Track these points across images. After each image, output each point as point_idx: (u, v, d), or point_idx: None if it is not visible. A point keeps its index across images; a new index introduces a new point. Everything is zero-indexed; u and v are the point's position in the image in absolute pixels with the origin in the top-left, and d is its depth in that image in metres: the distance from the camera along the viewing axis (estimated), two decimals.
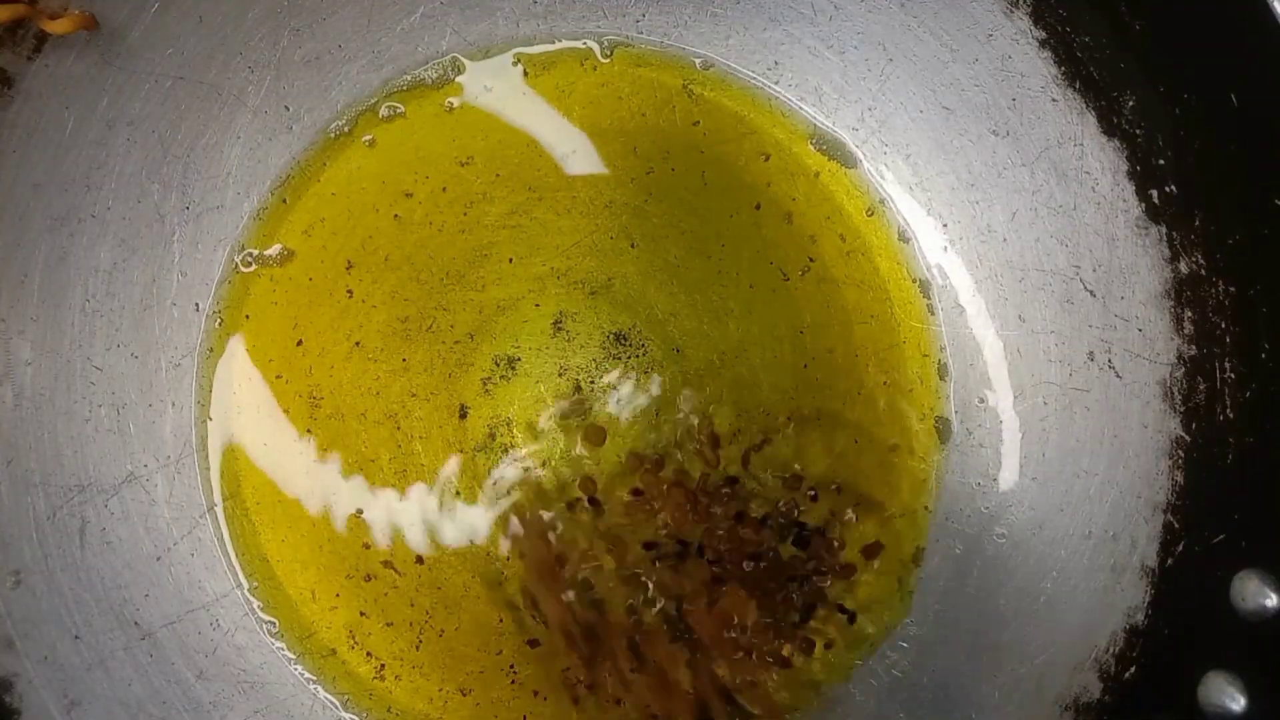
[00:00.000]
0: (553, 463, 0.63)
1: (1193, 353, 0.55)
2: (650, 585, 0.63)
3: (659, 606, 0.63)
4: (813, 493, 0.64)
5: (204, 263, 0.63)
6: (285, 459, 0.63)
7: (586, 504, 0.63)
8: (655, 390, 0.64)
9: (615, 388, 0.64)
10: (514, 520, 0.63)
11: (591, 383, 0.64)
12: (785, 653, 0.63)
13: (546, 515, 0.63)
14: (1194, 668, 0.50)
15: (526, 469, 0.63)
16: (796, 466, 0.64)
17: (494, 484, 0.63)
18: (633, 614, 0.62)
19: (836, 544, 0.64)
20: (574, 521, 0.63)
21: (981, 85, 0.61)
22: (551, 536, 0.63)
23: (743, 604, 0.62)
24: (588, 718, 0.63)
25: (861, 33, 0.63)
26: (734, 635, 0.62)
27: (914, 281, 0.65)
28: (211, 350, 0.63)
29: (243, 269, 0.63)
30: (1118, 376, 0.59)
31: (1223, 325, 0.53)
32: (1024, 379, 0.63)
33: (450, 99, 0.65)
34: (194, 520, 0.62)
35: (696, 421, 0.64)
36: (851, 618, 0.63)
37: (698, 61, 0.66)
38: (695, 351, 0.64)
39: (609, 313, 0.65)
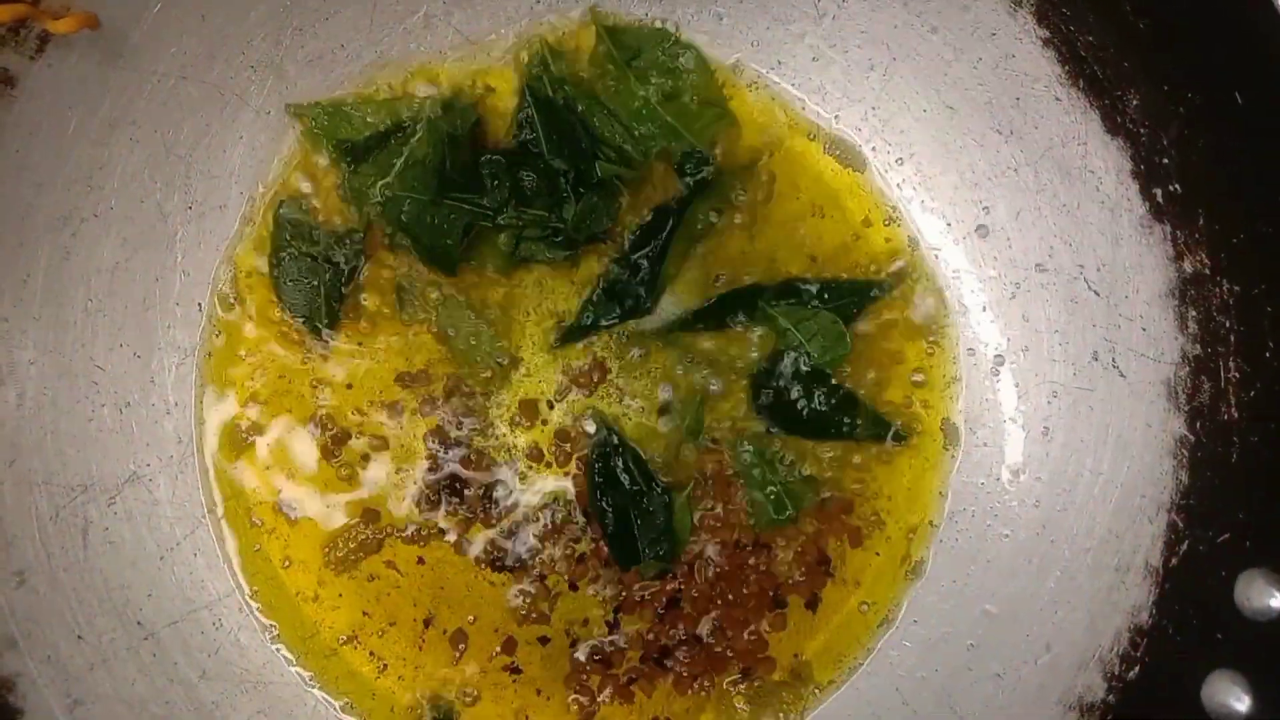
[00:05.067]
0: (554, 463, 0.64)
1: (1197, 352, 0.55)
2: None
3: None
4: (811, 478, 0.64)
5: (207, 262, 0.63)
6: (288, 459, 0.63)
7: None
8: (658, 390, 0.64)
9: (618, 387, 0.64)
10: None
11: (593, 383, 0.64)
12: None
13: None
14: (1198, 667, 0.50)
15: (529, 466, 0.63)
16: (802, 466, 0.64)
17: (497, 483, 0.63)
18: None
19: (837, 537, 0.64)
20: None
21: (985, 84, 0.61)
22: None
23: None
24: (589, 717, 0.63)
25: (865, 32, 0.63)
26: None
27: (917, 281, 0.65)
28: (214, 350, 0.63)
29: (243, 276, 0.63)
30: (1122, 376, 0.59)
31: (1227, 324, 0.53)
32: (1028, 378, 0.63)
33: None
34: (197, 520, 0.62)
35: (699, 419, 0.64)
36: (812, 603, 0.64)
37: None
38: (698, 350, 0.64)
39: None
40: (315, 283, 0.62)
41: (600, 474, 0.62)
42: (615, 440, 0.63)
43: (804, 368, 0.62)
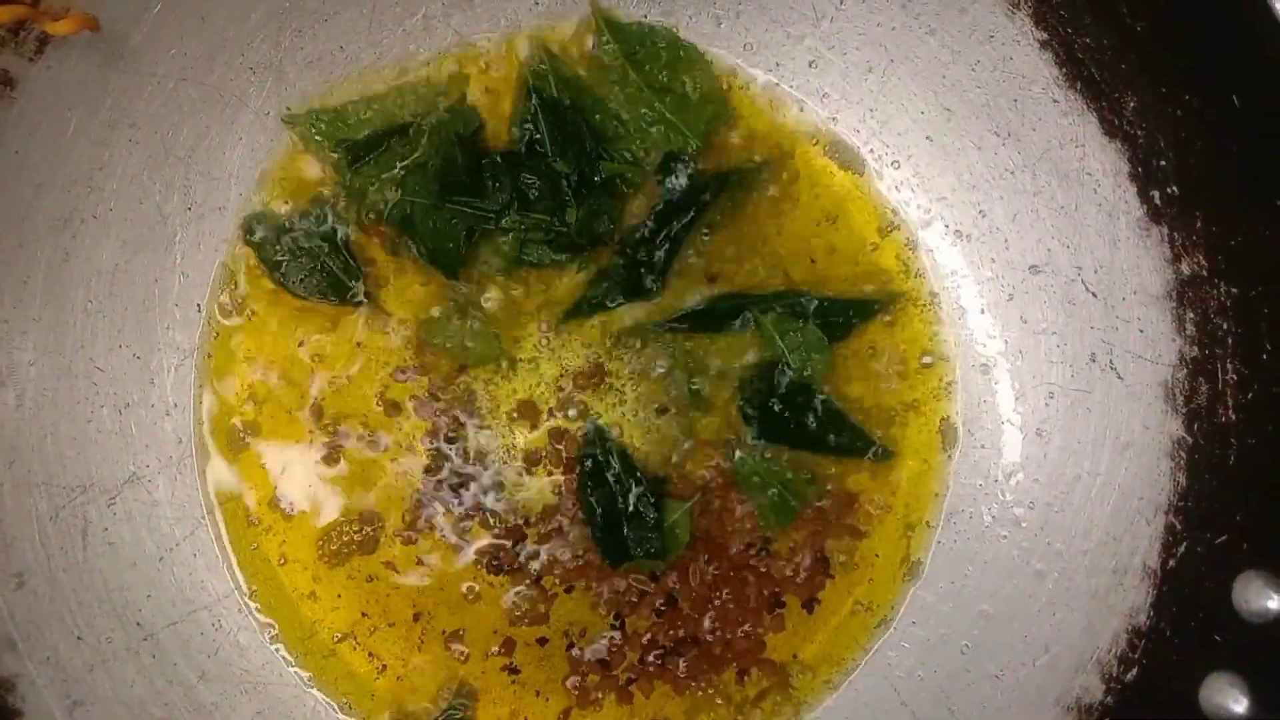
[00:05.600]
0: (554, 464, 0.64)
1: (1194, 354, 0.55)
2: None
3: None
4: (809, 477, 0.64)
5: (206, 263, 0.63)
6: (287, 459, 0.63)
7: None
8: (658, 390, 0.64)
9: (617, 389, 0.64)
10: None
11: (592, 384, 0.64)
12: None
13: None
14: (1196, 669, 0.50)
15: (528, 467, 0.63)
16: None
17: (495, 484, 0.63)
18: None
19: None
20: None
21: (983, 87, 0.61)
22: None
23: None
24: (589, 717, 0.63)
25: (863, 34, 0.63)
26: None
27: (915, 282, 0.65)
28: (213, 351, 0.63)
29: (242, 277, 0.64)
30: (1119, 378, 0.59)
31: (1224, 326, 0.53)
32: (1026, 380, 0.63)
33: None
34: (196, 521, 0.63)
35: (699, 420, 0.64)
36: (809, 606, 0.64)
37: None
38: (692, 353, 0.64)
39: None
40: (318, 263, 0.62)
41: (588, 473, 0.62)
42: (601, 438, 0.63)
43: (789, 378, 0.62)
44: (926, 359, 0.65)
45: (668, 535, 0.62)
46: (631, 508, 0.61)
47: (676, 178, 0.63)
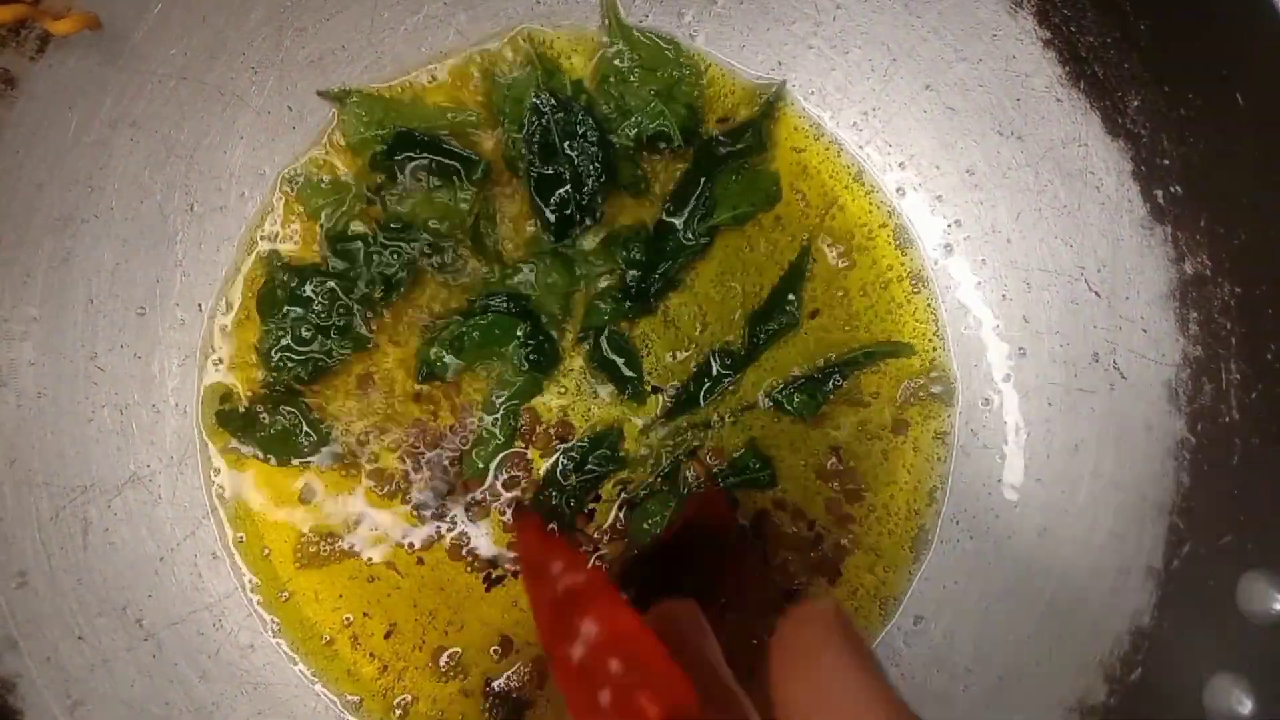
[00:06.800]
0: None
1: (1198, 354, 0.55)
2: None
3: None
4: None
5: (207, 263, 0.63)
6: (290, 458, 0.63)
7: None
8: (662, 395, 0.64)
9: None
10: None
11: (595, 390, 0.64)
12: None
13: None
14: (1200, 670, 0.50)
15: (528, 468, 0.64)
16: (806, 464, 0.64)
17: (498, 485, 0.63)
18: None
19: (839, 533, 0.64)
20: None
21: (986, 85, 0.61)
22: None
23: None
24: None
25: (865, 33, 0.63)
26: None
27: (917, 282, 0.65)
28: (215, 350, 0.63)
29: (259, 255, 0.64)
30: (1123, 377, 0.59)
31: (1228, 326, 0.53)
32: (1029, 380, 0.63)
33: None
34: (197, 520, 0.62)
35: (702, 420, 0.64)
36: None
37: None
38: (697, 343, 0.64)
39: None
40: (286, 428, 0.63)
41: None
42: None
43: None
44: (928, 360, 0.64)
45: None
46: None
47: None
